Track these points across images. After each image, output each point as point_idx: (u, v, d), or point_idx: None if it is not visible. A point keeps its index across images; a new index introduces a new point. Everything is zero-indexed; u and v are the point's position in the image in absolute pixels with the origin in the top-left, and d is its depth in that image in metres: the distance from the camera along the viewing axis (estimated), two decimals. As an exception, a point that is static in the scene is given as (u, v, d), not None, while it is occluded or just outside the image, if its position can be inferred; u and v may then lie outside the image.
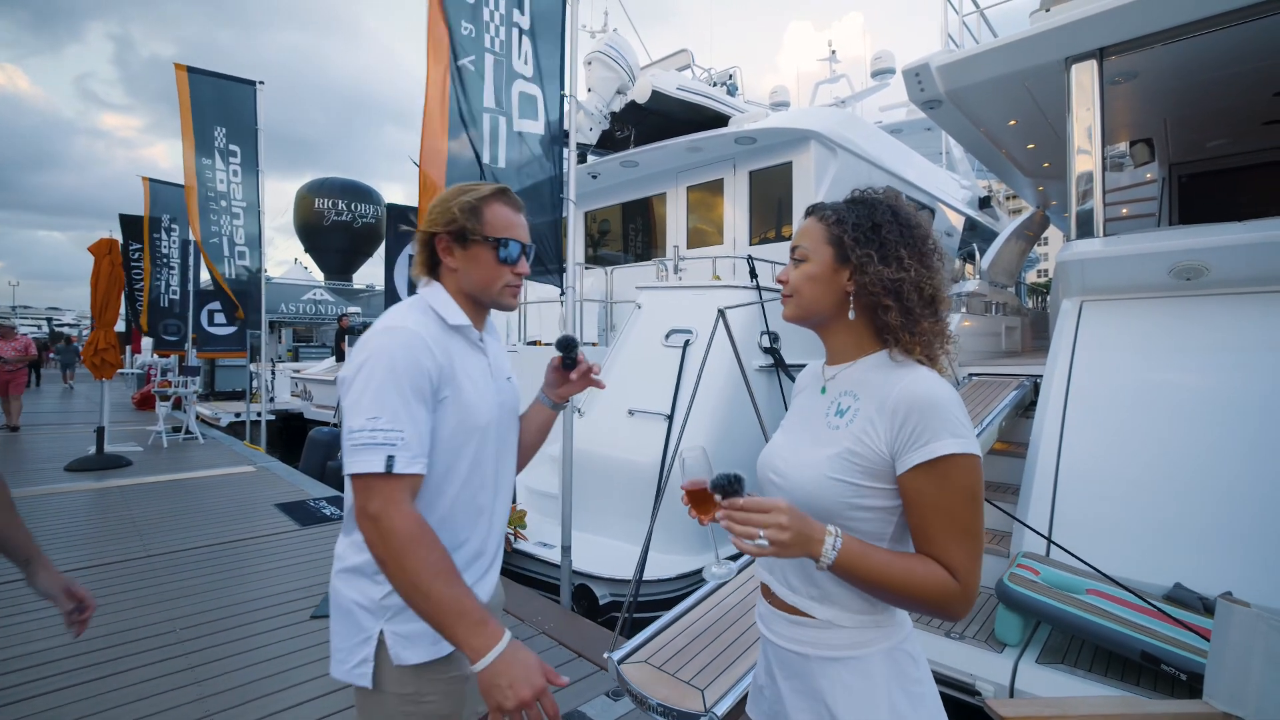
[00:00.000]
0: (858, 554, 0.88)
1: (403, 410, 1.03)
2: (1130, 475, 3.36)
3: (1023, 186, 7.56)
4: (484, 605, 1.06)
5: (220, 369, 15.47)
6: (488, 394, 1.18)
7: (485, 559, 1.20)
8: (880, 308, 0.99)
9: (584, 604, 3.90)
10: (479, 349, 1.22)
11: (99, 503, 5.31)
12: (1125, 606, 2.69)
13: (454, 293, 1.20)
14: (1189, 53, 4.28)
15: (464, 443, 1.13)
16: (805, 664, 1.00)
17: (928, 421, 0.90)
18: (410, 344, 1.06)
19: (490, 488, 1.20)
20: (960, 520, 0.89)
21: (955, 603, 0.88)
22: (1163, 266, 3.86)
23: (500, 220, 1.18)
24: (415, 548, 1.00)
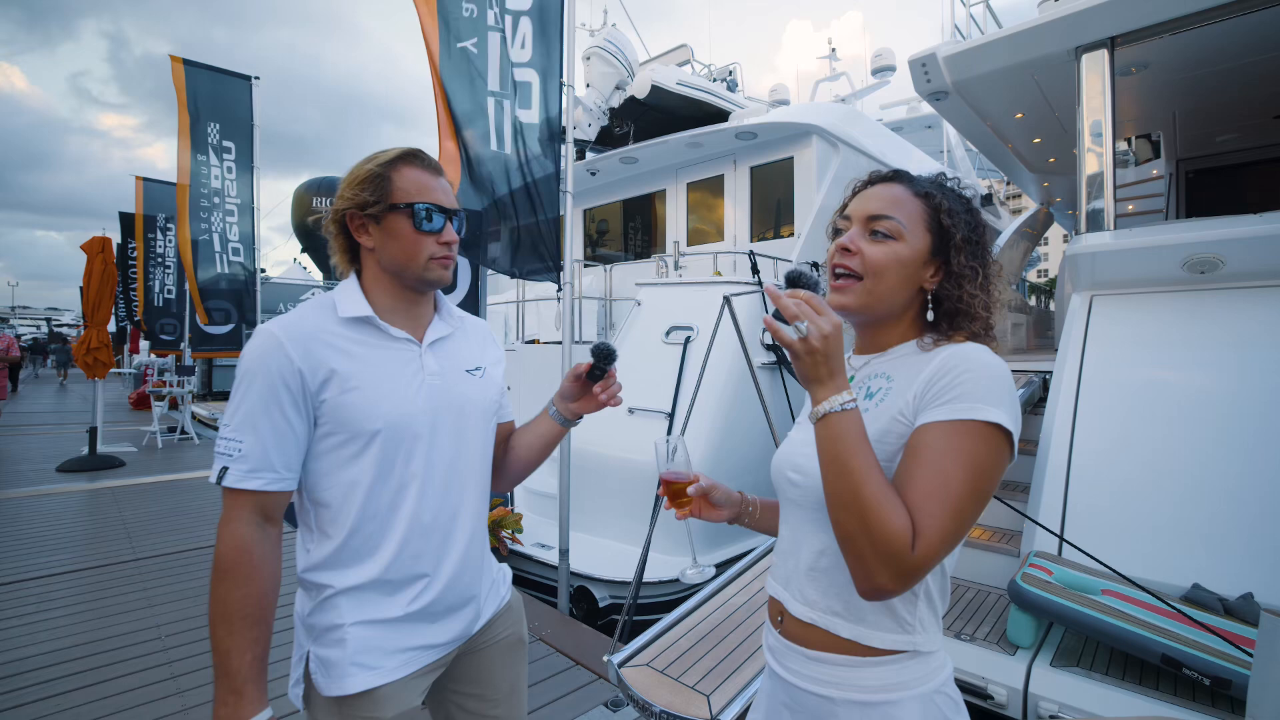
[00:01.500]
0: (856, 430, 0.74)
1: (246, 420, 0.94)
2: (1144, 472, 3.28)
3: (1028, 183, 7.49)
4: (256, 667, 0.93)
5: (217, 369, 15.38)
6: (396, 392, 1.03)
7: (427, 579, 1.05)
8: (953, 315, 0.88)
9: (583, 606, 3.81)
10: (394, 340, 1.06)
11: (90, 504, 5.22)
12: (1143, 608, 2.60)
13: (375, 279, 1.08)
14: (1200, 43, 4.20)
15: (361, 448, 0.99)
16: (830, 709, 0.84)
17: (966, 380, 0.77)
18: (264, 349, 0.96)
19: (405, 499, 1.03)
20: (955, 490, 0.72)
21: (893, 560, 0.71)
22: (1175, 259, 3.77)
23: (412, 184, 1.04)
24: (224, 579, 0.92)
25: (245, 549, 0.92)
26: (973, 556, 3.58)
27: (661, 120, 7.75)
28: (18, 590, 3.36)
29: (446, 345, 1.14)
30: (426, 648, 1.05)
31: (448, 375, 1.10)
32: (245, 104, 8.39)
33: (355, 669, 0.98)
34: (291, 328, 0.98)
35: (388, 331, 1.05)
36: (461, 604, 1.11)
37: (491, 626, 1.18)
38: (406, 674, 1.02)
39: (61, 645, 2.74)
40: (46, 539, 4.24)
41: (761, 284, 4.92)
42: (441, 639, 1.08)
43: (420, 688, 1.06)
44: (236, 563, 0.92)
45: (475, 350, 1.19)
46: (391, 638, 1.02)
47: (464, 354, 1.16)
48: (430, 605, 1.05)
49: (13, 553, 3.95)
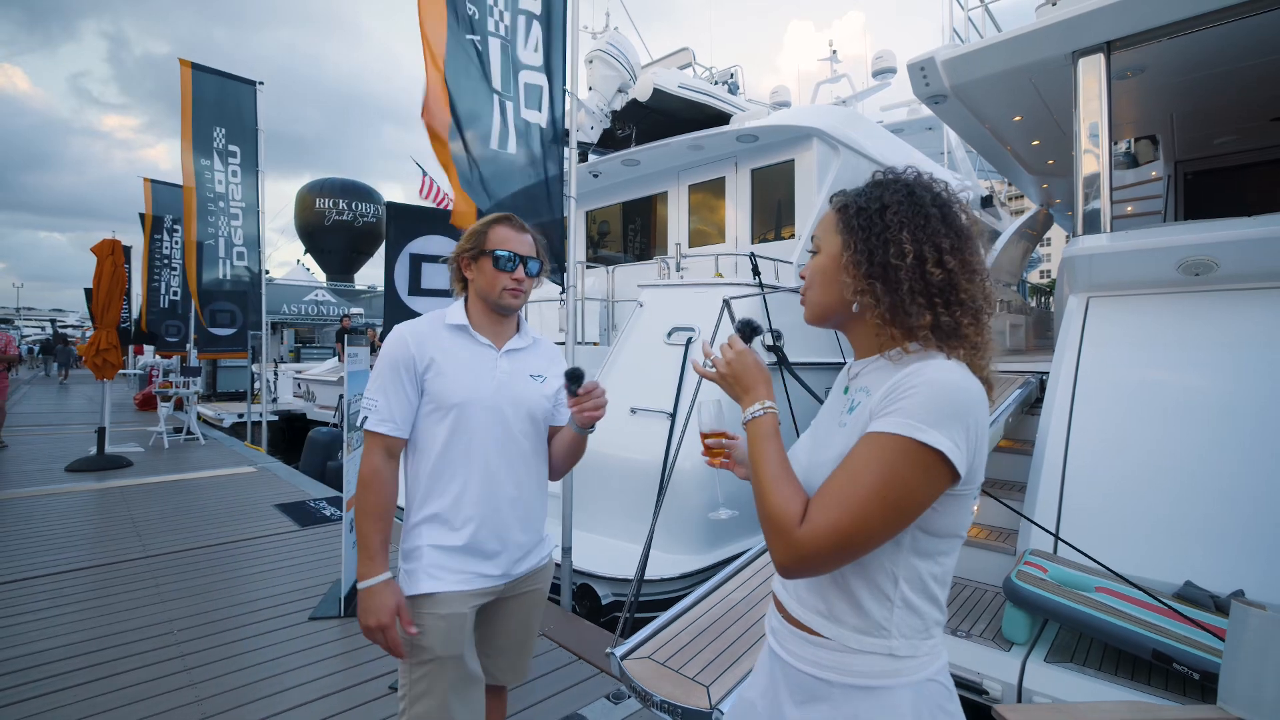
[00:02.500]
0: (766, 431, 0.90)
1: (379, 386, 1.39)
2: (1139, 472, 3.32)
3: (1027, 184, 7.52)
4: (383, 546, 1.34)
5: (222, 370, 15.47)
6: (473, 380, 1.42)
7: (479, 522, 1.41)
8: (896, 306, 0.87)
9: (586, 604, 3.86)
10: (479, 344, 1.48)
11: (99, 503, 5.28)
12: (1136, 605, 2.64)
13: (473, 301, 1.52)
14: (1197, 47, 4.24)
15: (444, 415, 1.40)
16: (826, 690, 0.88)
17: (908, 397, 0.80)
18: (394, 339, 1.43)
19: (470, 457, 1.40)
20: (856, 491, 0.78)
21: (781, 536, 0.80)
22: (1171, 261, 3.81)
23: (499, 238, 1.47)
24: (363, 488, 1.37)
25: (377, 471, 1.37)
26: (969, 555, 3.62)
27: (663, 123, 7.81)
28: (31, 586, 3.42)
29: (519, 355, 1.53)
30: (476, 575, 1.41)
31: (515, 375, 1.49)
32: (250, 108, 8.47)
33: (425, 577, 1.37)
34: (412, 329, 1.44)
35: (475, 337, 1.48)
36: (502, 549, 1.44)
37: (524, 579, 1.52)
38: (459, 589, 1.38)
39: (76, 639, 2.81)
40: (57, 537, 4.31)
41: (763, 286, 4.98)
42: (489, 570, 1.43)
43: (470, 603, 1.40)
44: (371, 479, 1.37)
45: (542, 363, 1.58)
46: (451, 560, 1.39)
47: (532, 363, 1.55)
48: (481, 542, 1.41)
49: (25, 550, 4.02)
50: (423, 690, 1.35)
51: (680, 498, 4.02)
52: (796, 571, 0.83)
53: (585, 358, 6.00)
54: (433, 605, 1.35)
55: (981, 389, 0.85)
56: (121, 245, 6.96)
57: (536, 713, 2.31)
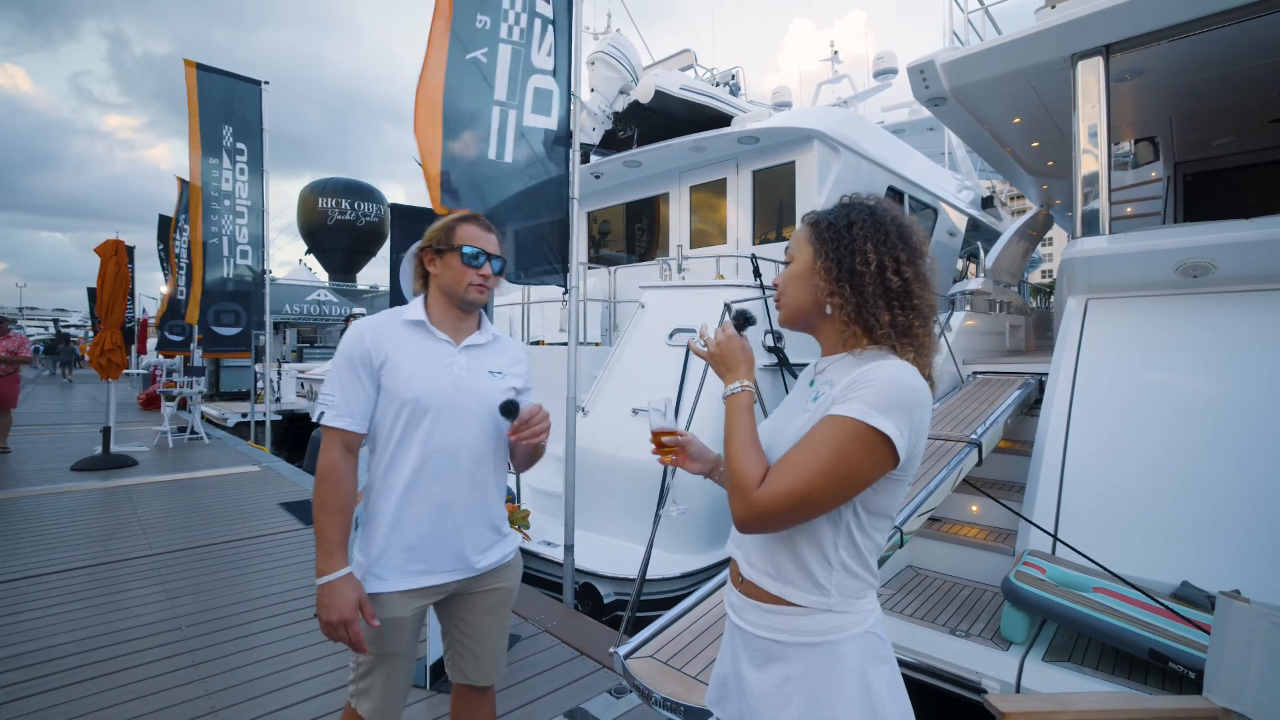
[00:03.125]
0: (741, 406, 1.01)
1: (336, 382, 1.40)
2: (1137, 473, 3.35)
3: (1027, 185, 7.55)
4: (341, 541, 1.35)
5: (225, 369, 15.51)
6: (429, 375, 1.43)
7: (430, 520, 1.43)
8: (862, 311, 1.01)
9: (589, 603, 3.89)
10: (437, 340, 1.48)
11: (105, 502, 5.33)
12: (1133, 604, 2.67)
13: (434, 297, 1.52)
14: (1195, 50, 4.27)
15: (398, 409, 1.40)
16: (782, 651, 1.01)
17: (864, 389, 0.93)
18: (350, 334, 1.44)
19: (424, 453, 1.41)
20: (810, 462, 0.91)
21: (742, 496, 0.94)
22: (1169, 264, 3.84)
23: (466, 234, 1.49)
24: (321, 483, 1.37)
25: (335, 466, 1.37)
26: (968, 555, 3.65)
27: (665, 124, 7.83)
28: (42, 583, 3.46)
29: (478, 351, 1.53)
30: (423, 573, 1.42)
31: (473, 371, 1.50)
32: (255, 107, 8.50)
33: (370, 577, 1.39)
34: (369, 324, 1.45)
35: (433, 333, 1.48)
36: (453, 546, 1.45)
37: (485, 577, 1.52)
38: (402, 589, 1.40)
39: (87, 635, 2.84)
40: (65, 535, 4.35)
41: (764, 287, 5.01)
42: (439, 567, 1.44)
43: (413, 605, 1.42)
44: (328, 474, 1.37)
45: (503, 360, 1.58)
46: (399, 559, 1.40)
47: (491, 360, 1.55)
48: (432, 539, 1.42)
49: (34, 548, 4.06)
50: (365, 688, 1.40)
51: (682, 499, 4.05)
52: (751, 527, 0.96)
53: (588, 358, 6.03)
54: (373, 605, 1.37)
55: (929, 392, 0.99)
56: (125, 245, 7.00)
57: (539, 707, 2.34)
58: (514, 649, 2.77)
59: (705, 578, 3.68)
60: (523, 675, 2.56)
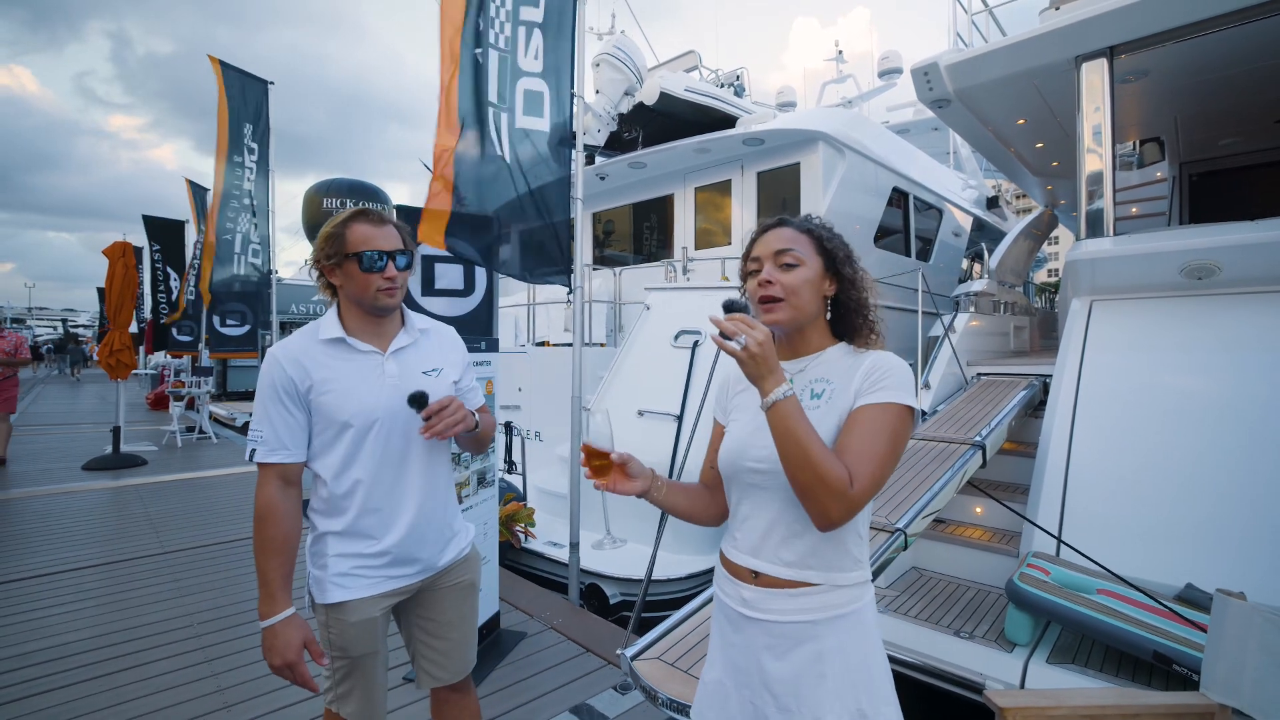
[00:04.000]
0: (797, 410, 0.99)
1: (263, 415, 1.35)
2: (1141, 475, 3.35)
3: (1031, 186, 7.54)
4: (284, 582, 1.33)
5: (233, 369, 15.62)
6: (361, 394, 1.38)
7: (384, 529, 1.41)
8: (852, 313, 1.17)
9: (595, 603, 3.92)
10: (360, 353, 1.41)
11: (116, 500, 5.39)
12: (1137, 607, 2.68)
13: (346, 308, 1.44)
14: (1200, 51, 4.26)
15: (337, 431, 1.37)
16: (812, 631, 1.06)
17: (888, 376, 1.07)
18: (270, 364, 1.37)
19: (370, 471, 1.38)
20: (877, 449, 1.00)
21: (840, 497, 0.96)
22: (1173, 266, 3.84)
23: (359, 237, 1.38)
24: (259, 523, 1.33)
25: (272, 504, 1.33)
26: (972, 556, 3.66)
27: (670, 125, 7.85)
28: (55, 581, 3.51)
29: (407, 353, 1.47)
30: (386, 578, 1.42)
31: (406, 376, 1.43)
32: (264, 106, 8.56)
33: (333, 587, 1.38)
34: (285, 349, 1.37)
35: (355, 347, 1.41)
36: (414, 551, 1.44)
37: (447, 572, 1.53)
38: (369, 594, 1.39)
39: (100, 632, 2.89)
40: (77, 534, 4.41)
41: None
42: (397, 573, 1.43)
43: (381, 606, 1.42)
44: (267, 513, 1.33)
45: (436, 354, 1.52)
46: (359, 568, 1.39)
47: (424, 358, 1.49)
48: (390, 550, 1.41)
49: (47, 546, 4.11)
50: (347, 690, 1.41)
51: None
52: (842, 523, 1.01)
53: (593, 359, 6.05)
54: (343, 613, 1.37)
55: None
56: (133, 247, 7.07)
57: (545, 702, 2.37)
58: (519, 646, 2.80)
59: (711, 578, 3.70)
60: (528, 672, 2.59)
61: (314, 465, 1.39)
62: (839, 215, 6.32)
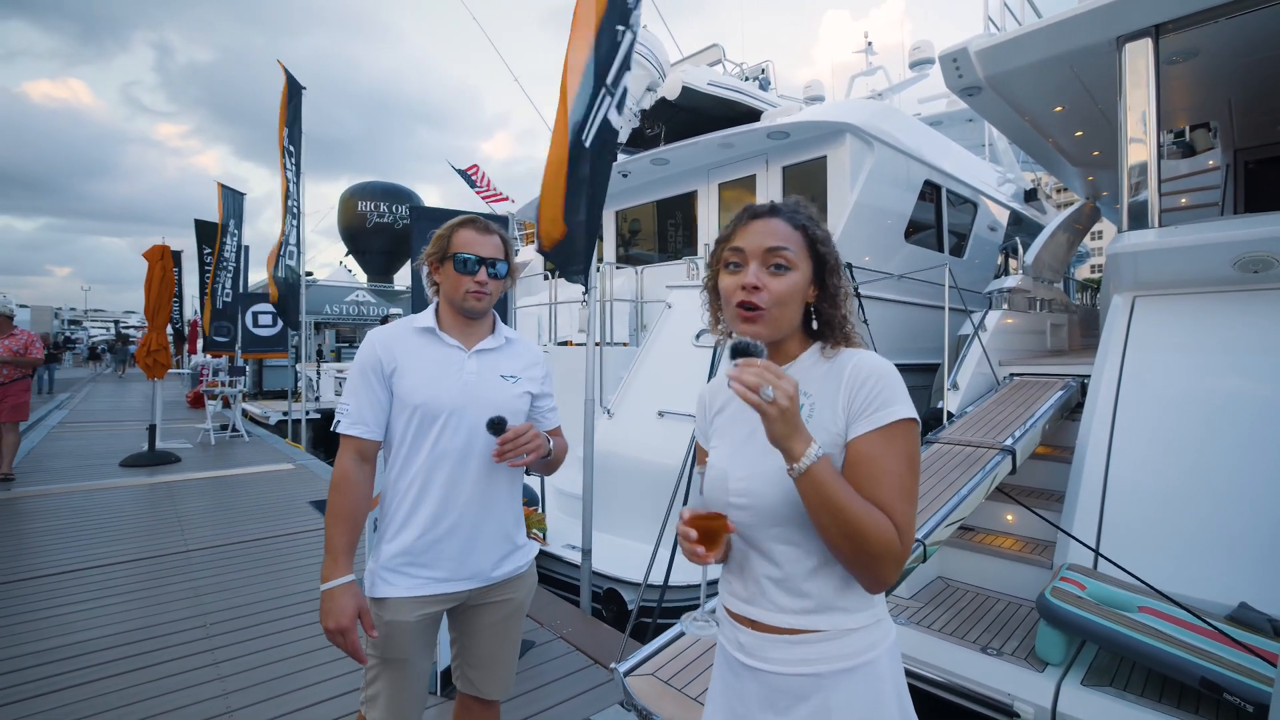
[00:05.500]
0: (831, 472, 0.86)
1: (351, 390, 1.44)
2: (1188, 482, 3.13)
3: (1070, 177, 7.19)
4: (346, 548, 1.36)
5: (268, 369, 16.04)
6: (437, 381, 1.43)
7: (440, 527, 1.41)
8: (825, 323, 1.04)
9: (613, 608, 3.86)
10: (446, 346, 1.49)
11: (149, 497, 5.55)
12: (1183, 627, 2.49)
13: (443, 304, 1.53)
14: (1257, 27, 3.96)
15: (409, 415, 1.42)
16: (816, 685, 0.92)
17: (881, 389, 0.93)
18: (365, 344, 1.47)
19: (432, 460, 1.41)
20: (906, 483, 0.90)
21: (894, 557, 0.87)
22: (1226, 258, 3.58)
23: (462, 241, 1.47)
24: (332, 490, 1.39)
25: (346, 474, 1.39)
26: (1002, 567, 3.48)
27: (693, 121, 7.73)
28: (83, 577, 3.61)
29: (490, 355, 1.52)
30: (430, 580, 1.41)
31: (484, 376, 1.49)
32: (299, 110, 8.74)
33: (379, 581, 1.40)
34: (381, 333, 1.47)
35: (442, 339, 1.49)
36: (464, 557, 1.43)
37: (497, 588, 1.49)
38: (408, 595, 1.39)
39: (117, 630, 2.94)
40: (109, 530, 4.54)
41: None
42: (446, 576, 1.42)
43: (418, 611, 1.40)
44: (340, 482, 1.39)
45: (517, 364, 1.56)
46: (405, 565, 1.40)
47: (504, 364, 1.53)
48: (438, 547, 1.41)
49: (80, 543, 4.24)
50: (375, 694, 1.41)
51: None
52: (896, 581, 0.96)
53: (614, 359, 5.99)
54: (380, 609, 1.38)
55: None
56: (171, 250, 7.27)
57: (549, 717, 2.31)
58: (527, 656, 2.75)
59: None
60: (534, 684, 2.53)
61: (389, 448, 1.46)
62: (867, 210, 6.12)
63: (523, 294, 9.19)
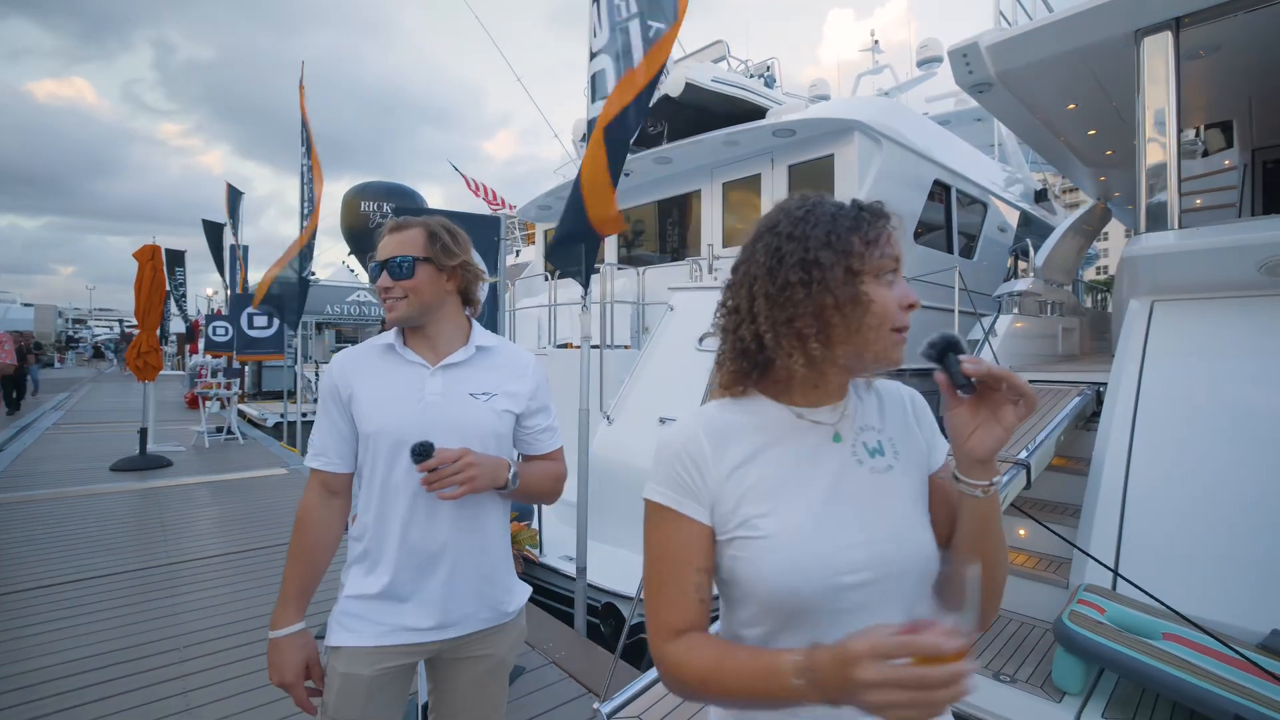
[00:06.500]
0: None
1: (317, 420, 1.32)
2: (1213, 498, 2.97)
3: (1082, 177, 7.02)
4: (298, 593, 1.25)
5: (267, 370, 15.96)
6: (391, 405, 1.26)
7: (386, 555, 1.25)
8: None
9: (611, 623, 3.72)
10: (408, 363, 1.31)
11: (135, 505, 5.41)
12: (1211, 656, 2.33)
13: None
14: (1277, 22, 3.80)
15: (364, 445, 1.28)
16: None
17: (928, 417, 0.89)
18: (326, 374, 1.33)
19: (388, 493, 1.25)
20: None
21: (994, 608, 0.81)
22: (1250, 261, 3.42)
23: (379, 248, 1.31)
24: (295, 526, 1.29)
25: (308, 510, 1.29)
26: (1015, 585, 3.32)
27: (696, 118, 7.58)
28: (56, 594, 3.45)
29: (458, 370, 1.31)
30: (389, 629, 1.23)
31: (450, 395, 1.28)
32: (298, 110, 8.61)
33: (336, 627, 1.25)
34: (341, 356, 1.34)
35: (404, 356, 1.31)
36: (433, 604, 1.25)
37: (470, 643, 1.30)
38: (365, 645, 1.22)
39: (84, 655, 2.78)
40: (90, 541, 4.40)
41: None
42: (408, 624, 1.23)
43: (376, 664, 1.22)
44: (301, 518, 1.29)
45: (492, 378, 1.33)
46: (364, 610, 1.24)
47: (476, 379, 1.32)
48: (396, 591, 1.24)
49: (58, 555, 4.10)
50: None
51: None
52: None
53: (615, 362, 5.84)
54: (335, 659, 1.23)
55: None
56: (161, 250, 7.15)
57: (536, 754, 2.17)
58: (515, 684, 2.60)
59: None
60: (524, 715, 2.39)
61: (358, 480, 1.32)
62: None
63: (522, 295, 9.05)
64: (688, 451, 0.79)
